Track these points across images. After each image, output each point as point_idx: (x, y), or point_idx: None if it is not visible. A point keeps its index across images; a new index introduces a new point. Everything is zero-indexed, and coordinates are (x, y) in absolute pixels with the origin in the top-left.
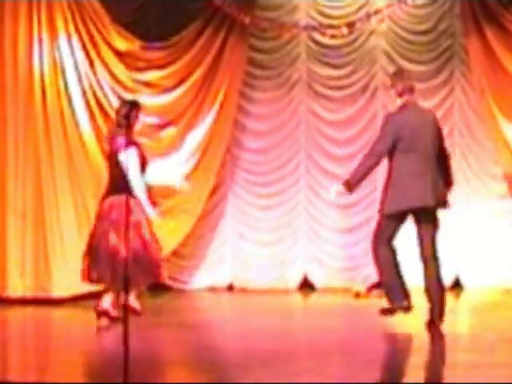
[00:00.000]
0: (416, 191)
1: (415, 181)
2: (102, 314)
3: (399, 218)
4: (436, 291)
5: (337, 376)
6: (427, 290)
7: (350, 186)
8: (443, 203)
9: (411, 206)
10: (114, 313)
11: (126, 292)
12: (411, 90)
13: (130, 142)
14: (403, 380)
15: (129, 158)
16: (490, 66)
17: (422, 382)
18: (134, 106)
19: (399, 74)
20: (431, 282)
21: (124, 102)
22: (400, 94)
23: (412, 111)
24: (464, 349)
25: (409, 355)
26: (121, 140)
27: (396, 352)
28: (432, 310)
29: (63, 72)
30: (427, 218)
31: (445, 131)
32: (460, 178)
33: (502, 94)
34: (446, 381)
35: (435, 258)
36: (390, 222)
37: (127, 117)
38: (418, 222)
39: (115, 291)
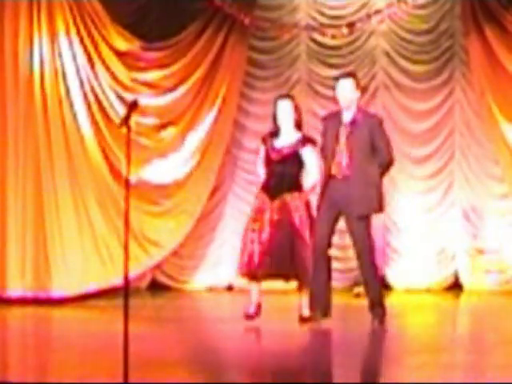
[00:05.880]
0: None
1: None
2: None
3: None
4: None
5: (337, 376)
6: None
7: None
8: None
9: None
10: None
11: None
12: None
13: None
14: (404, 380)
15: (308, 154)
16: (491, 67)
17: (423, 381)
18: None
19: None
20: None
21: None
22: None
23: None
24: (464, 349)
25: (409, 355)
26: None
27: (397, 352)
28: None
29: (63, 72)
30: None
31: (445, 131)
32: (460, 178)
33: (503, 94)
34: (446, 381)
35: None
36: None
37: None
38: None
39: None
